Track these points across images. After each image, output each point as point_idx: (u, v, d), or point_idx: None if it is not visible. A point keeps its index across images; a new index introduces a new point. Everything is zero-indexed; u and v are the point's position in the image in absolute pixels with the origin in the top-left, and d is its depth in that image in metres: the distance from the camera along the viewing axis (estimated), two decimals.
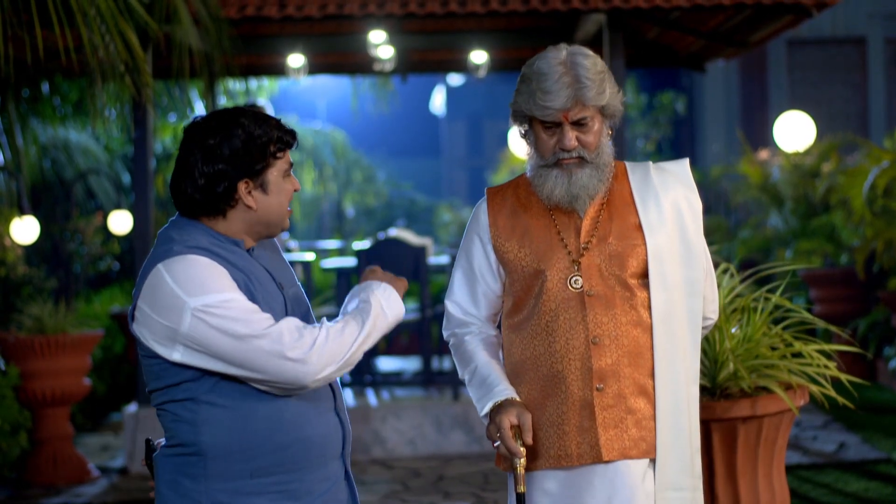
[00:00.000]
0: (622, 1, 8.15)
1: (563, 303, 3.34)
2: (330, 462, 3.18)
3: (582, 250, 3.36)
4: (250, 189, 3.11)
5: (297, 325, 3.01)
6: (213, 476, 3.07)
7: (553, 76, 3.28)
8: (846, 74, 19.00)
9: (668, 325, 3.35)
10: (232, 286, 3.00)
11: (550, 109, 3.27)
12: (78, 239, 12.54)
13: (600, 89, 3.29)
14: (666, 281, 3.35)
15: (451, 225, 22.02)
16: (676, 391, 3.35)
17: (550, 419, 3.36)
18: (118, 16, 6.12)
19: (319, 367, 3.01)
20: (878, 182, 10.06)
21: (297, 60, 9.93)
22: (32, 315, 8.18)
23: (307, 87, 32.80)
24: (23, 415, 7.86)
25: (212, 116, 3.14)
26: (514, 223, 3.44)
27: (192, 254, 3.03)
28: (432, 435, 8.80)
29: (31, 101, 11.31)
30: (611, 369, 3.32)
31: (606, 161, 3.37)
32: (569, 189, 3.32)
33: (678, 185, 3.43)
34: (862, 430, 8.99)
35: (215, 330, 2.96)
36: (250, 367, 2.98)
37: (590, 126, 3.31)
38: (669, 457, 3.34)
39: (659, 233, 3.36)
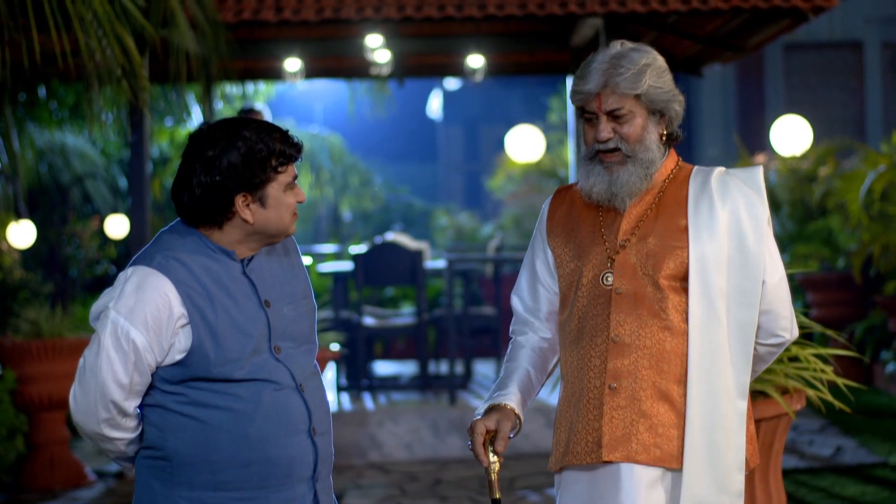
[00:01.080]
0: (619, 5, 8.16)
1: (594, 300, 3.30)
2: (296, 484, 3.16)
3: (619, 248, 3.30)
4: (248, 202, 3.09)
5: (111, 399, 3.08)
6: (180, 483, 3.10)
7: (593, 63, 3.25)
8: (843, 79, 19.01)
9: (707, 334, 3.24)
10: (153, 327, 3.05)
11: (580, 94, 3.24)
12: (74, 243, 12.53)
13: (636, 79, 3.21)
14: (709, 289, 3.24)
15: (447, 229, 22.01)
16: (714, 404, 3.22)
17: (572, 417, 3.32)
18: (115, 20, 6.12)
19: (76, 422, 3.16)
20: (875, 186, 10.07)
21: (294, 64, 9.93)
22: (29, 319, 8.17)
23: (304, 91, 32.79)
24: (19, 419, 7.85)
25: (215, 126, 3.12)
26: (567, 220, 3.42)
27: (161, 271, 3.07)
28: (429, 439, 8.80)
29: (27, 105, 11.31)
30: (627, 370, 3.24)
31: (651, 158, 3.29)
32: (609, 187, 3.28)
33: (741, 193, 3.31)
34: (858, 434, 8.99)
35: (99, 337, 3.08)
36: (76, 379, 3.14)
37: (628, 118, 3.24)
38: (701, 471, 3.21)
39: (707, 239, 3.26)
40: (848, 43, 18.90)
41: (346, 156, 24.29)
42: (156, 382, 3.10)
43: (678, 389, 3.24)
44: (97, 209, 13.52)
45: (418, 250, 9.66)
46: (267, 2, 8.34)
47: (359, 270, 9.50)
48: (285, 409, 3.13)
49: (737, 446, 3.26)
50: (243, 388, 3.09)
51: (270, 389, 3.11)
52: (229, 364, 3.07)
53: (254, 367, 3.10)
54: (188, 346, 3.06)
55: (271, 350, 3.14)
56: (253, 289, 3.15)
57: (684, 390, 3.24)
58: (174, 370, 3.08)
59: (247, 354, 3.09)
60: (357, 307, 9.57)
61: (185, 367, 3.07)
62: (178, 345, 3.07)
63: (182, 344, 3.06)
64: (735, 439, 3.25)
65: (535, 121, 19.16)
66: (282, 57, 9.93)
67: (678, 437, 3.23)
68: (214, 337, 3.06)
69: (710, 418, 3.22)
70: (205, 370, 3.06)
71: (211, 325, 3.06)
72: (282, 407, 3.12)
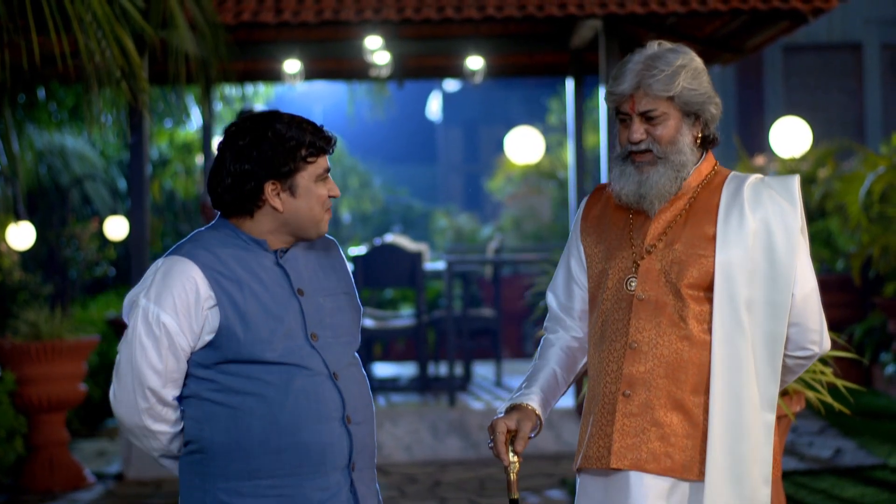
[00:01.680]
0: (618, 7, 8.16)
1: (616, 304, 3.27)
2: (331, 472, 3.16)
3: (645, 252, 3.26)
4: (278, 191, 3.13)
5: (148, 387, 3.14)
6: (216, 475, 3.13)
7: (628, 64, 3.22)
8: (842, 80, 19.02)
9: (731, 344, 3.19)
10: (182, 310, 3.11)
11: (614, 94, 3.21)
12: (74, 245, 12.53)
13: (669, 81, 3.17)
14: (734, 299, 3.18)
15: (447, 231, 22.02)
16: (738, 415, 3.17)
17: (588, 420, 3.30)
18: (114, 21, 6.12)
19: (118, 417, 3.26)
20: (875, 188, 10.07)
21: (294, 66, 9.93)
22: (28, 321, 8.17)
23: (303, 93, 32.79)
24: (18, 421, 7.85)
25: (248, 118, 3.19)
26: (599, 220, 3.40)
27: (188, 257, 3.13)
28: (428, 441, 8.80)
29: (27, 106, 11.31)
30: (642, 377, 3.20)
31: (683, 161, 3.24)
32: (638, 189, 3.24)
33: (774, 202, 3.25)
34: (858, 436, 8.99)
35: (131, 326, 3.16)
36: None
37: (660, 120, 3.20)
38: (724, 484, 3.16)
39: (734, 248, 3.20)
40: (847, 44, 18.91)
41: (346, 157, 24.32)
42: (191, 368, 3.15)
43: (694, 399, 3.20)
44: (96, 211, 13.52)
45: (417, 252, 9.66)
46: (266, 3, 8.34)
47: (358, 272, 9.50)
48: (316, 395, 3.13)
49: (763, 459, 3.21)
50: (275, 374, 3.11)
51: (302, 376, 3.12)
52: (259, 344, 3.10)
53: (286, 350, 3.12)
54: (216, 326, 3.10)
55: (307, 337, 3.17)
56: (286, 278, 3.19)
57: (701, 400, 3.20)
58: (206, 353, 3.12)
59: (278, 337, 3.12)
60: None
61: (215, 349, 3.11)
62: (208, 325, 3.11)
63: (211, 325, 3.11)
64: (762, 452, 3.21)
65: (534, 122, 19.18)
66: (281, 58, 9.93)
67: (692, 447, 3.19)
68: (243, 318, 3.10)
69: (734, 430, 3.18)
70: (235, 351, 3.10)
71: (239, 307, 3.10)
72: (313, 393, 3.13)
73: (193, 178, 14.64)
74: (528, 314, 13.37)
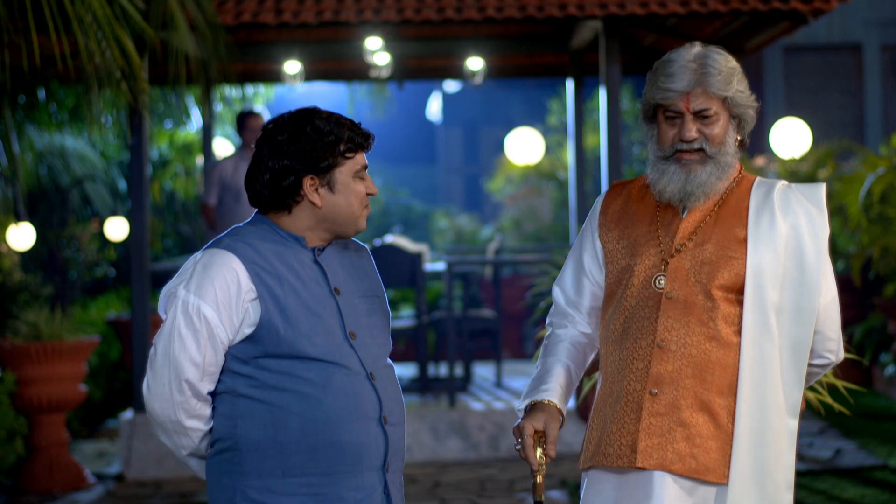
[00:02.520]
0: (618, 7, 8.16)
1: (642, 301, 3.24)
2: (366, 472, 3.16)
3: (674, 251, 3.25)
4: (316, 186, 3.14)
5: (186, 379, 3.10)
6: (248, 472, 3.10)
7: (679, 62, 3.21)
8: (842, 81, 19.02)
9: (759, 348, 3.18)
10: (223, 301, 3.09)
11: (671, 91, 3.19)
12: (74, 245, 12.53)
13: (727, 80, 3.19)
14: (763, 302, 3.18)
15: (447, 231, 22.01)
16: (764, 420, 3.17)
17: (607, 417, 3.26)
18: (114, 22, 6.12)
19: (150, 411, 3.18)
20: (875, 189, 10.08)
21: (294, 67, 9.93)
22: (28, 321, 8.17)
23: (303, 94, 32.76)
24: (18, 421, 7.85)
25: (287, 114, 3.22)
26: (621, 215, 3.37)
27: (228, 250, 3.13)
28: (428, 442, 8.80)
29: (27, 107, 11.32)
30: (670, 377, 3.18)
31: (729, 162, 3.25)
32: (684, 186, 3.23)
33: (803, 208, 3.26)
34: (858, 437, 8.99)
35: (169, 318, 3.12)
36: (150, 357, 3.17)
37: (714, 119, 3.21)
38: (748, 488, 3.16)
39: (765, 252, 3.20)
40: (847, 45, 18.91)
41: None
42: (228, 364, 3.13)
43: (720, 401, 3.19)
44: (96, 211, 13.53)
45: (418, 252, 9.66)
46: (266, 4, 8.35)
47: None
48: (355, 394, 3.13)
49: (787, 465, 3.22)
50: (314, 371, 3.10)
51: (341, 374, 3.12)
52: (300, 339, 3.09)
53: (326, 347, 3.12)
54: (258, 319, 3.09)
55: (346, 335, 3.17)
56: (323, 276, 3.19)
57: (727, 402, 3.19)
58: (246, 346, 3.11)
59: (318, 333, 3.12)
60: None
61: (255, 343, 3.10)
62: (248, 319, 3.09)
63: (252, 318, 3.09)
64: (785, 458, 3.21)
65: (534, 123, 19.18)
66: (281, 59, 9.93)
67: (716, 448, 3.18)
68: (283, 312, 3.09)
69: (760, 435, 3.17)
70: (275, 345, 3.09)
71: (279, 301, 3.10)
72: (351, 392, 3.12)
73: (193, 178, 14.65)
74: (529, 315, 13.37)
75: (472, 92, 37.61)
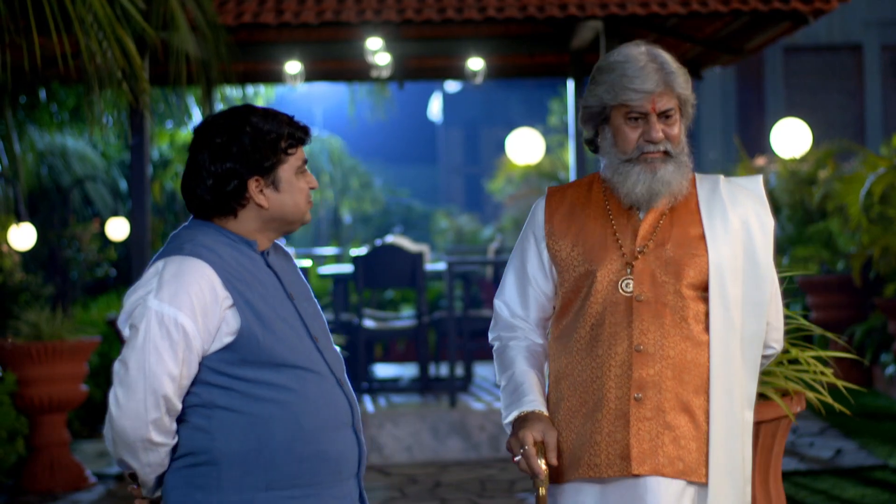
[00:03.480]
0: (619, 8, 8.17)
1: (611, 306, 3.18)
2: (346, 481, 3.09)
3: (637, 254, 3.20)
4: (261, 187, 3.03)
5: (163, 395, 2.92)
6: (228, 487, 2.97)
7: (639, 61, 3.15)
8: (842, 81, 19.03)
9: (726, 343, 3.18)
10: (199, 311, 2.94)
11: (641, 92, 3.12)
12: (75, 245, 12.54)
13: (686, 79, 3.18)
14: (727, 298, 3.18)
15: (447, 231, 22.04)
16: (732, 415, 3.18)
17: (585, 427, 3.19)
18: (115, 23, 6.12)
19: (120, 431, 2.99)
20: (875, 189, 10.08)
21: (294, 67, 9.94)
22: (29, 321, 8.18)
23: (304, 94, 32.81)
24: (20, 421, 7.85)
25: (220, 115, 3.08)
26: (570, 222, 3.29)
27: (196, 257, 2.98)
28: (429, 442, 8.80)
29: (28, 107, 11.32)
30: (652, 380, 3.14)
31: (687, 161, 3.23)
32: (651, 185, 3.17)
33: (749, 201, 3.27)
34: (858, 437, 8.99)
35: (142, 330, 2.93)
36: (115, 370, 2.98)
37: (674, 119, 3.18)
38: (724, 484, 3.16)
39: (723, 246, 3.19)
40: (847, 46, 18.91)
41: (347, 158, 24.33)
42: (203, 375, 2.98)
43: (696, 401, 3.18)
44: (97, 211, 13.53)
45: (418, 253, 9.66)
46: (267, 4, 8.35)
47: (359, 273, 9.50)
48: (332, 401, 3.06)
49: (748, 457, 3.23)
50: (293, 379, 2.99)
51: (315, 380, 3.03)
52: (279, 345, 2.99)
53: (302, 353, 3.03)
54: (237, 327, 2.96)
55: (312, 340, 3.09)
56: (278, 280, 3.10)
57: (701, 401, 3.18)
58: (222, 355, 2.98)
59: (292, 338, 3.02)
60: (357, 309, 9.57)
61: (234, 352, 2.97)
62: (227, 327, 2.96)
63: (230, 326, 2.96)
64: (747, 450, 3.22)
65: (535, 123, 19.19)
66: (282, 60, 9.93)
67: (696, 449, 3.17)
68: (260, 319, 2.98)
69: (730, 430, 3.18)
70: (255, 353, 2.97)
71: (254, 307, 2.98)
72: (329, 399, 3.05)
73: None
74: None
75: (473, 92, 37.63)
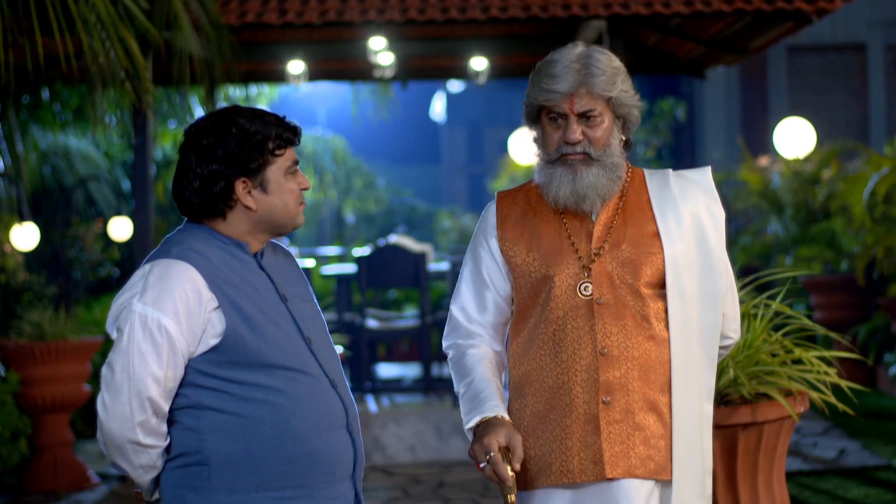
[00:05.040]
0: (622, 7, 8.16)
1: (571, 311, 3.18)
2: (339, 482, 3.07)
3: (593, 256, 3.19)
4: (249, 189, 3.02)
5: (148, 397, 2.92)
6: (218, 488, 2.97)
7: (562, 63, 3.16)
8: (846, 81, 19.01)
9: (685, 339, 3.19)
10: (183, 313, 2.94)
11: (555, 93, 3.13)
12: (78, 245, 12.54)
13: (610, 81, 3.14)
14: (683, 293, 3.19)
15: (451, 231, 22.01)
16: (692, 410, 3.19)
17: (553, 433, 3.19)
18: (118, 22, 6.13)
19: (108, 433, 2.98)
20: (879, 189, 10.07)
21: (298, 67, 9.94)
22: (32, 321, 8.18)
23: (307, 94, 32.80)
24: (23, 421, 7.85)
25: (208, 117, 3.07)
26: (522, 227, 3.27)
27: (182, 259, 2.98)
28: (432, 441, 8.80)
29: (31, 107, 11.33)
30: (619, 382, 3.15)
31: (615, 162, 3.19)
32: (574, 188, 3.15)
33: (699, 194, 3.27)
34: (862, 437, 8.98)
35: (126, 334, 2.94)
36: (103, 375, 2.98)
37: (598, 121, 3.15)
38: (685, 478, 3.17)
39: (677, 242, 3.20)
40: (851, 45, 18.90)
41: (350, 158, 24.32)
42: (191, 377, 2.98)
43: (663, 399, 3.19)
44: (100, 211, 13.53)
45: (421, 253, 9.67)
46: (270, 4, 8.35)
47: (362, 273, 9.50)
48: (324, 402, 3.04)
49: (707, 450, 3.23)
50: (281, 380, 2.99)
51: (307, 381, 3.02)
52: (266, 347, 2.99)
53: (292, 354, 3.02)
54: (223, 329, 2.96)
55: (305, 341, 3.07)
56: (270, 282, 3.08)
57: (666, 399, 3.19)
58: (209, 358, 2.98)
59: (281, 340, 3.01)
60: (360, 309, 9.57)
61: (220, 354, 2.97)
62: (212, 329, 2.97)
63: (216, 328, 2.97)
64: (706, 443, 3.23)
65: None
66: (285, 59, 9.94)
67: (665, 447, 3.18)
68: (247, 321, 2.98)
69: (690, 424, 3.19)
70: (242, 355, 2.97)
71: (241, 309, 2.98)
72: (321, 400, 3.04)
73: None
74: None
75: (476, 92, 37.61)
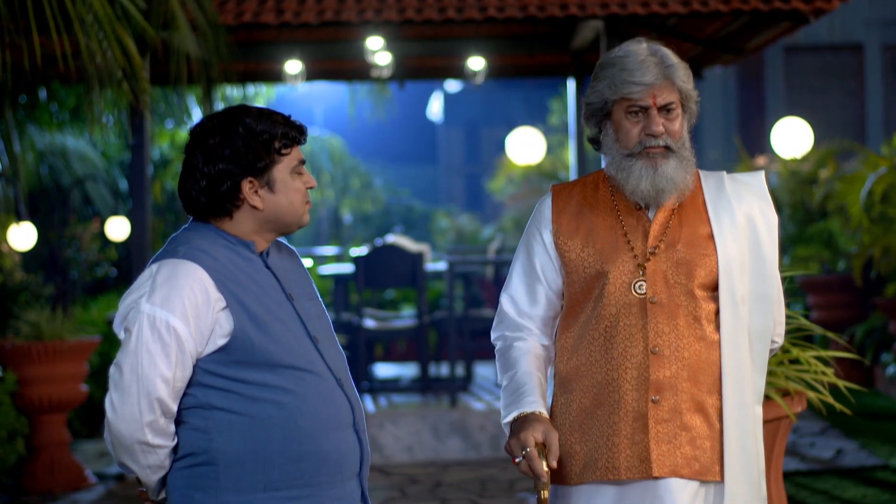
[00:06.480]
0: (619, 7, 8.16)
1: (625, 308, 3.18)
2: (346, 481, 3.07)
3: (649, 255, 3.19)
4: (255, 188, 3.02)
5: (157, 397, 2.93)
6: (226, 487, 2.97)
7: (639, 55, 3.13)
8: (843, 81, 19.03)
9: (736, 342, 3.18)
10: (191, 313, 2.94)
11: (641, 85, 3.10)
12: (75, 245, 12.53)
13: (686, 73, 3.16)
14: (735, 295, 3.18)
15: (448, 231, 22.03)
16: (743, 412, 3.18)
17: (600, 429, 3.18)
18: (115, 22, 6.12)
19: (116, 434, 2.99)
20: (876, 188, 10.08)
21: (295, 67, 9.93)
22: (30, 321, 8.17)
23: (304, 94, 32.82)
24: (20, 421, 7.84)
25: (214, 116, 3.07)
26: (578, 222, 3.26)
27: (190, 259, 2.98)
28: (430, 441, 8.80)
29: (28, 107, 11.32)
30: (669, 382, 3.14)
31: (689, 156, 3.20)
32: (654, 181, 3.15)
33: (753, 198, 3.26)
34: (859, 437, 8.98)
35: (134, 334, 2.95)
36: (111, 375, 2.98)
37: (676, 114, 3.15)
38: (740, 481, 3.16)
39: (731, 245, 3.19)
40: (848, 45, 18.91)
41: (347, 158, 24.34)
42: (199, 377, 2.98)
43: (710, 400, 3.18)
44: (98, 211, 13.52)
45: (419, 252, 9.66)
46: (267, 4, 8.35)
47: (359, 273, 9.50)
48: (331, 401, 3.04)
49: (760, 452, 3.23)
50: (288, 379, 2.99)
51: (314, 380, 3.02)
52: (274, 346, 2.98)
53: (299, 354, 3.02)
54: (230, 329, 2.96)
55: (312, 340, 3.07)
56: (277, 281, 3.09)
57: (715, 401, 3.18)
58: (217, 357, 2.98)
59: (288, 339, 3.01)
60: (358, 309, 9.57)
61: (227, 354, 2.97)
62: (220, 329, 2.97)
63: (224, 328, 2.96)
64: (759, 445, 3.23)
65: (535, 123, 19.17)
66: (282, 59, 9.93)
67: (711, 448, 3.17)
68: (254, 320, 2.98)
69: (742, 427, 3.18)
70: (249, 354, 2.96)
71: (249, 309, 2.98)
72: (328, 400, 3.03)
73: None
74: None
75: (474, 92, 37.62)
